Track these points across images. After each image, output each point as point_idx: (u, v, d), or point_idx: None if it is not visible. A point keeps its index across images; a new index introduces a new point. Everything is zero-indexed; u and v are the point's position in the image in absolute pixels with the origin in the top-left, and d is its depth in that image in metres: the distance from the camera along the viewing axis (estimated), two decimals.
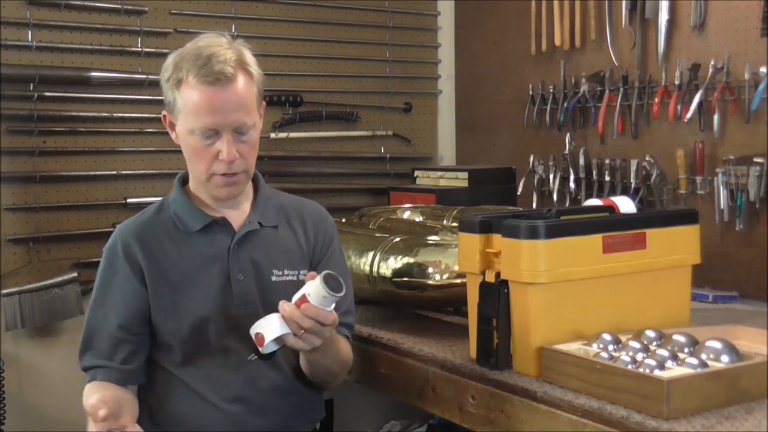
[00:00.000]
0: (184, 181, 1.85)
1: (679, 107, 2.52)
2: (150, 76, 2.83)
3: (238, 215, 1.81)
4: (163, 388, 1.76)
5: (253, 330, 1.58)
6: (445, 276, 2.01)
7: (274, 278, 1.78)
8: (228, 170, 1.70)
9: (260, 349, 1.59)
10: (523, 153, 3.09)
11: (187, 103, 1.67)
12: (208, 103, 1.65)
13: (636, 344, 1.60)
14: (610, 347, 1.62)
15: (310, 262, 1.84)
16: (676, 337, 1.63)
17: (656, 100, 2.60)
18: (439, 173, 3.13)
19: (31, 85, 2.67)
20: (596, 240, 1.72)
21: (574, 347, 1.65)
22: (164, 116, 1.78)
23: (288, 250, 1.82)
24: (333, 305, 1.57)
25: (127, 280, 1.74)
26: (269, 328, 1.56)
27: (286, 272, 1.79)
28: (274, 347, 1.60)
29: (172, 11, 2.90)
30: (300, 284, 1.70)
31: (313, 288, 1.55)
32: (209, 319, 1.74)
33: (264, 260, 1.77)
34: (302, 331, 1.56)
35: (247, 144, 1.71)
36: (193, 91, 1.66)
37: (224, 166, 1.69)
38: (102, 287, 1.76)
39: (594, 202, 1.98)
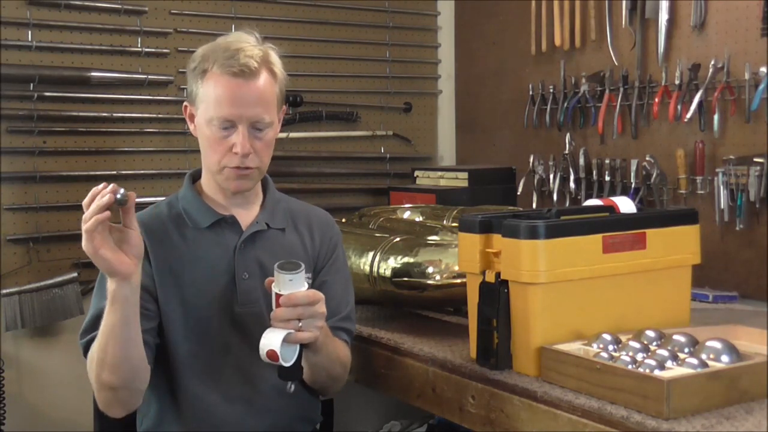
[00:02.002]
0: (194, 178, 1.86)
1: (679, 107, 2.52)
2: (150, 76, 2.83)
3: (247, 215, 1.82)
4: (163, 387, 1.76)
5: (263, 354, 1.58)
6: (445, 276, 2.01)
7: None
8: (240, 164, 1.71)
9: (283, 363, 1.58)
10: (523, 153, 3.09)
11: (208, 93, 1.70)
12: (229, 93, 1.68)
13: (636, 344, 1.60)
14: (610, 347, 1.62)
15: (314, 267, 1.85)
16: (676, 337, 1.63)
17: (656, 100, 2.60)
18: (439, 173, 3.13)
19: (31, 85, 2.66)
20: (596, 240, 1.72)
21: (574, 347, 1.65)
22: (185, 107, 1.80)
23: (294, 253, 1.82)
24: (305, 284, 1.59)
25: None
26: (272, 339, 1.57)
27: None
28: (291, 354, 1.60)
29: (172, 11, 2.90)
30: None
31: (278, 281, 1.57)
32: (212, 315, 1.74)
33: (269, 261, 1.76)
34: (300, 324, 1.57)
35: (263, 141, 1.73)
36: (216, 81, 1.69)
37: (237, 159, 1.70)
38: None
39: (594, 202, 1.98)
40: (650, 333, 1.67)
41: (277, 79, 1.75)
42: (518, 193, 3.02)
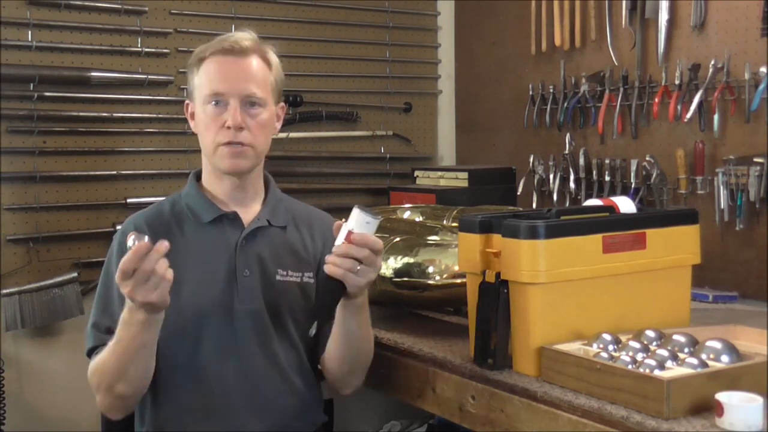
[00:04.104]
0: (198, 177, 1.87)
1: (679, 107, 2.52)
2: (150, 76, 2.83)
3: (249, 212, 1.83)
4: (161, 385, 1.76)
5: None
6: (445, 276, 2.01)
7: (278, 277, 1.78)
8: (233, 138, 1.72)
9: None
10: (523, 153, 3.09)
11: (203, 76, 1.74)
12: (220, 69, 1.73)
13: (636, 344, 1.60)
14: (610, 347, 1.62)
15: (318, 269, 1.85)
16: (676, 337, 1.62)
17: (656, 100, 2.60)
18: (439, 173, 3.13)
19: (31, 85, 2.67)
20: (596, 240, 1.72)
21: (574, 347, 1.65)
22: (186, 105, 1.82)
23: (294, 251, 1.83)
24: (375, 226, 1.59)
25: None
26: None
27: (290, 273, 1.80)
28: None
29: (172, 11, 2.91)
30: (305, 286, 1.77)
31: (355, 220, 1.58)
32: (212, 312, 1.74)
33: (270, 259, 1.77)
34: (358, 267, 1.57)
35: (256, 120, 1.74)
36: (208, 63, 1.74)
37: (230, 133, 1.71)
38: (110, 269, 1.74)
39: (594, 202, 1.98)
40: (650, 333, 1.67)
41: (271, 67, 1.78)
42: (518, 193, 3.02)
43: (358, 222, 1.58)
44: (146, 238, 1.47)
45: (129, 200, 2.82)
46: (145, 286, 1.48)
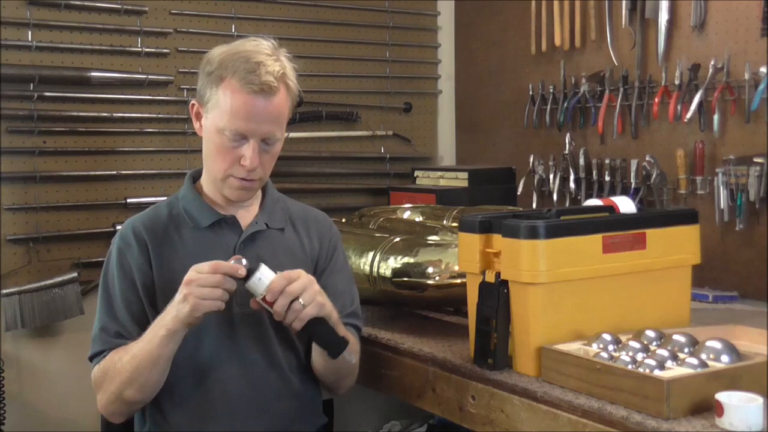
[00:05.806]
0: (194, 178, 1.86)
1: (679, 107, 2.52)
2: (150, 76, 2.83)
3: (247, 215, 1.83)
4: (163, 387, 1.75)
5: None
6: (445, 276, 2.01)
7: None
8: (246, 176, 1.72)
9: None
10: (523, 153, 3.09)
11: (223, 103, 1.68)
12: (246, 109, 1.67)
13: (636, 344, 1.60)
14: (610, 347, 1.62)
15: (315, 269, 1.85)
16: (676, 337, 1.63)
17: (656, 100, 2.60)
18: (439, 173, 3.13)
19: (31, 85, 2.66)
20: (596, 240, 1.72)
21: (574, 347, 1.65)
22: (192, 105, 1.79)
23: (292, 253, 1.83)
24: (268, 272, 1.62)
25: (137, 258, 1.75)
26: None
27: None
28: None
29: (172, 11, 2.90)
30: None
31: (254, 291, 1.62)
32: (211, 316, 1.73)
33: (269, 261, 1.77)
34: (300, 301, 1.62)
35: (270, 155, 1.74)
36: (234, 94, 1.67)
37: (244, 171, 1.71)
38: (109, 273, 1.77)
39: (594, 202, 1.98)
40: (650, 333, 1.67)
41: (290, 93, 1.75)
42: (518, 193, 3.02)
43: (257, 287, 1.61)
44: (245, 263, 1.60)
45: (129, 200, 2.82)
46: (206, 290, 1.57)
